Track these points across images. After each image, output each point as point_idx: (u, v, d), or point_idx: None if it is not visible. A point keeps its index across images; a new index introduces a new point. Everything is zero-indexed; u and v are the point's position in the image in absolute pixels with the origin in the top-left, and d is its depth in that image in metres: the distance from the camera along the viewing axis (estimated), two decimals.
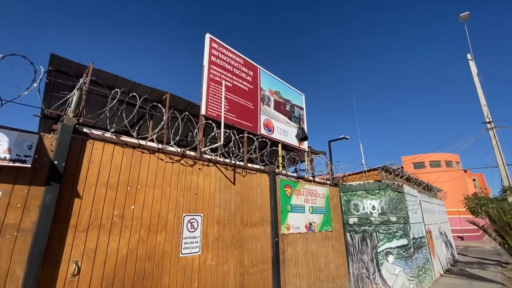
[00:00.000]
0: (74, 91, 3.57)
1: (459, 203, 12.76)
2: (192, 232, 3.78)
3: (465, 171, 34.44)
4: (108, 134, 3.33)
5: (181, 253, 3.59)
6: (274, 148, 6.31)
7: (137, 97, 3.71)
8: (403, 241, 6.76)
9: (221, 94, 4.65)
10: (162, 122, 3.76)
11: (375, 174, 7.61)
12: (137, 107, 3.57)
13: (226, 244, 4.19)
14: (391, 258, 6.60)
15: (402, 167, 9.32)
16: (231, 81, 5.61)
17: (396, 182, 7.71)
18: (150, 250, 3.32)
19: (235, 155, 4.67)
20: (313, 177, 7.20)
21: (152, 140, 3.92)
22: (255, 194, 4.98)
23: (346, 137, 9.72)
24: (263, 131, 6.11)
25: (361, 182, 7.49)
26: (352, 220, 7.30)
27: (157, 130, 3.68)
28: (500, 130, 14.52)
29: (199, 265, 3.75)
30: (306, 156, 7.29)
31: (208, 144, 4.49)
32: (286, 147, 6.95)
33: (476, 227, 9.85)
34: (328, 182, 7.51)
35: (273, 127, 6.45)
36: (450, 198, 16.05)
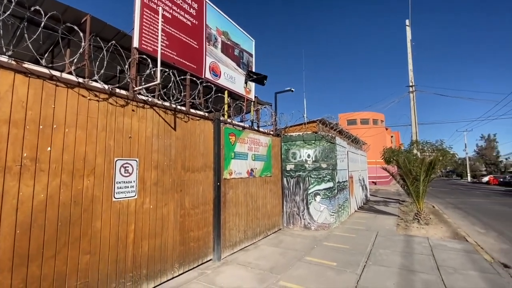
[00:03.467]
0: None
1: (378, 155, 15.05)
2: (126, 177, 3.55)
3: (386, 129, 40.16)
4: (3, 59, 2.60)
5: (114, 197, 3.40)
6: (220, 95, 6.05)
7: (43, 13, 2.90)
8: (330, 184, 7.80)
9: (158, 25, 4.00)
10: (81, 50, 3.10)
11: (313, 126, 8.19)
12: (41, 25, 2.81)
13: (166, 188, 4.12)
14: (318, 198, 7.62)
15: (337, 123, 10.23)
16: (171, 11, 4.85)
17: (330, 134, 8.50)
18: (76, 195, 3.03)
19: (175, 98, 4.31)
20: (258, 127, 7.35)
21: (70, 73, 3.27)
22: (198, 141, 4.86)
23: (292, 89, 9.95)
24: (208, 75, 5.72)
25: (301, 133, 8.01)
26: (289, 167, 7.97)
27: (73, 59, 3.04)
28: (418, 94, 16.79)
29: (135, 208, 3.65)
30: (252, 106, 7.28)
31: (143, 83, 3.99)
32: (233, 95, 6.75)
33: (387, 174, 11.95)
34: (272, 132, 7.80)
35: (220, 72, 6.08)
36: (372, 150, 18.80)
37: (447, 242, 6.41)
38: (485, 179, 43.20)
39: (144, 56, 4.14)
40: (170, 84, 4.32)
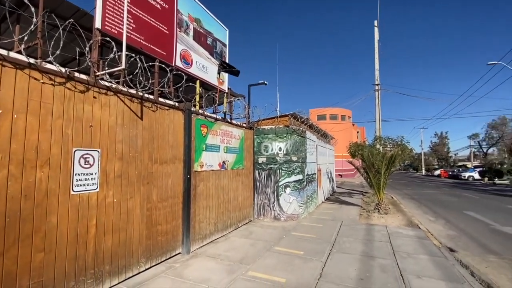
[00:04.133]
0: None
1: (345, 149, 15.79)
2: (87, 168, 3.31)
3: (353, 124, 42.28)
4: None
5: (73, 190, 3.15)
6: (191, 84, 5.85)
7: None
8: (299, 177, 8.04)
9: (124, 5, 3.70)
10: (32, 27, 2.77)
11: (285, 120, 8.33)
12: None
13: (131, 181, 3.92)
14: (288, 190, 7.83)
15: (308, 118, 10.52)
16: None
17: (301, 128, 8.72)
18: (28, 188, 2.76)
19: (142, 85, 4.07)
20: (231, 119, 7.27)
21: (19, 52, 2.92)
22: (167, 131, 4.67)
23: (265, 82, 9.97)
24: (179, 63, 5.48)
25: (273, 127, 8.11)
26: (261, 160, 8.05)
27: (23, 36, 2.71)
28: (383, 92, 17.83)
29: (97, 202, 3.43)
30: (225, 98, 7.16)
31: (106, 68, 3.70)
32: (205, 85, 6.57)
33: (352, 167, 12.62)
34: (244, 125, 7.78)
35: (192, 60, 5.87)
36: (339, 144, 19.70)
37: (403, 229, 7.00)
38: (437, 172, 47.88)
39: (108, 39, 3.83)
40: (137, 71, 4.07)
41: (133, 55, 4.11)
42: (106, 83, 3.67)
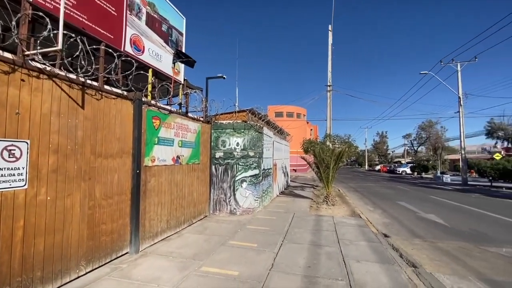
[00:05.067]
0: None
1: (299, 145, 16.57)
2: (11, 162, 2.86)
3: (308, 122, 44.58)
4: None
5: None
6: (143, 73, 5.46)
7: None
8: (256, 171, 8.20)
9: None
10: None
11: (243, 115, 8.37)
12: None
13: (69, 176, 3.52)
14: (244, 184, 7.93)
15: (266, 114, 10.73)
16: None
17: (259, 124, 8.86)
18: None
19: (83, 70, 3.65)
20: (187, 112, 7.00)
21: None
22: (113, 122, 4.29)
23: (223, 76, 9.83)
24: (129, 49, 5.05)
25: (231, 121, 8.07)
26: (218, 155, 7.96)
27: None
28: (334, 93, 19.11)
29: (26, 200, 2.99)
30: (181, 89, 6.86)
31: (38, 48, 3.22)
32: (159, 74, 6.19)
33: (305, 162, 13.33)
34: (201, 118, 7.58)
35: (144, 47, 5.46)
36: (294, 141, 20.57)
37: (347, 219, 7.69)
38: (378, 167, 53.75)
39: (41, 14, 3.32)
40: (78, 53, 3.63)
41: (73, 35, 3.66)
42: (38, 65, 3.19)
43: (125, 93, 4.59)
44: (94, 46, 4.18)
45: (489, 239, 6.12)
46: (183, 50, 6.87)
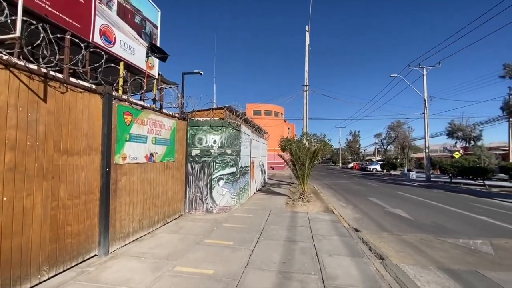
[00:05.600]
0: None
1: (276, 143, 16.74)
2: None
3: (285, 121, 45.24)
4: None
5: None
6: (113, 66, 5.18)
7: None
8: (233, 169, 8.17)
9: None
10: None
11: (220, 113, 8.28)
12: None
13: (29, 175, 3.25)
14: (221, 182, 7.87)
15: (245, 112, 10.71)
16: None
17: (236, 122, 8.83)
18: None
19: (45, 61, 3.38)
20: (161, 108, 6.77)
21: None
22: (80, 117, 4.03)
23: (200, 72, 9.64)
24: (98, 40, 4.77)
25: (208, 119, 7.95)
26: (194, 152, 7.81)
27: None
28: (311, 92, 19.55)
29: None
30: (155, 84, 6.61)
31: None
32: (131, 68, 5.92)
33: (282, 160, 13.52)
34: (177, 115, 7.38)
35: (115, 38, 5.18)
36: (272, 139, 20.77)
37: (321, 215, 7.94)
38: (351, 165, 56.06)
39: None
40: (40, 42, 3.36)
41: (34, 22, 3.37)
42: None
43: (93, 86, 4.33)
44: (59, 35, 3.89)
45: (447, 231, 6.66)
46: (158, 44, 6.63)
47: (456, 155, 24.34)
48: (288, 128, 48.35)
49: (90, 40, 4.62)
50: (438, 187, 18.31)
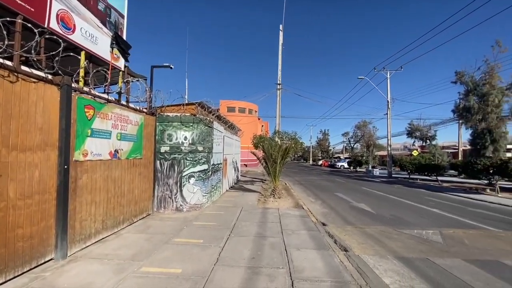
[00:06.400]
0: None
1: (250, 141, 16.80)
2: None
3: (259, 119, 45.53)
4: None
5: None
6: (73, 55, 4.80)
7: None
8: (205, 167, 8.05)
9: None
10: None
11: (192, 108, 8.09)
12: None
13: None
14: (192, 180, 7.72)
15: (218, 109, 10.58)
16: None
17: (209, 118, 8.70)
18: None
19: None
20: (128, 102, 6.42)
21: None
22: (34, 110, 3.69)
23: (171, 66, 9.30)
24: (55, 26, 4.37)
25: (178, 114, 7.73)
26: (164, 149, 7.56)
27: None
28: (284, 91, 19.89)
29: None
30: (120, 76, 6.25)
31: None
32: (94, 58, 5.53)
33: (255, 157, 13.62)
34: (145, 110, 7.07)
35: (75, 25, 4.79)
36: (245, 136, 20.83)
37: (291, 210, 8.17)
38: (320, 162, 58.25)
39: None
40: None
41: None
42: None
43: (49, 76, 3.98)
44: (9, 19, 3.51)
45: (404, 223, 7.25)
46: (124, 34, 6.27)
47: (414, 153, 26.44)
48: (262, 125, 48.74)
49: (46, 26, 4.23)
50: (398, 183, 19.78)
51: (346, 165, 44.31)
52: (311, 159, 72.41)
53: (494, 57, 17.59)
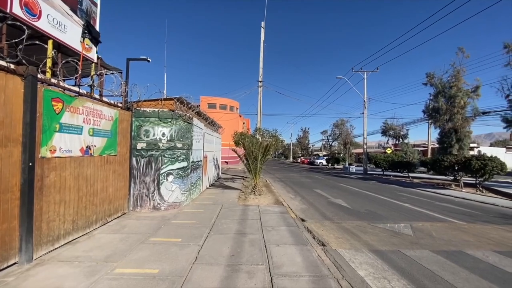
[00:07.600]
0: None
1: (231, 138, 16.70)
2: None
3: (240, 116, 45.34)
4: None
5: None
6: (40, 44, 4.45)
7: None
8: (184, 164, 7.87)
9: None
10: None
11: (170, 104, 7.86)
12: None
13: None
14: (170, 178, 7.52)
15: (198, 105, 10.36)
16: None
17: (188, 114, 8.50)
18: None
19: None
20: (101, 95, 6.09)
21: None
22: None
23: (148, 59, 8.95)
24: (18, 11, 4.02)
25: (156, 109, 7.46)
26: (140, 145, 7.28)
27: None
28: (266, 88, 19.93)
29: None
30: (93, 68, 5.90)
31: None
32: (64, 48, 5.17)
33: (236, 155, 13.56)
34: (120, 104, 6.75)
35: (41, 11, 4.44)
36: (226, 133, 20.65)
37: (271, 207, 8.24)
38: (300, 160, 59.33)
39: None
40: None
41: None
42: None
43: (11, 66, 3.66)
44: None
45: (378, 217, 7.58)
46: (97, 24, 5.92)
47: (388, 151, 27.73)
48: (243, 123, 48.60)
49: (8, 11, 3.88)
50: (373, 179, 20.66)
51: (324, 162, 45.51)
52: (291, 156, 73.57)
53: (459, 62, 18.84)
